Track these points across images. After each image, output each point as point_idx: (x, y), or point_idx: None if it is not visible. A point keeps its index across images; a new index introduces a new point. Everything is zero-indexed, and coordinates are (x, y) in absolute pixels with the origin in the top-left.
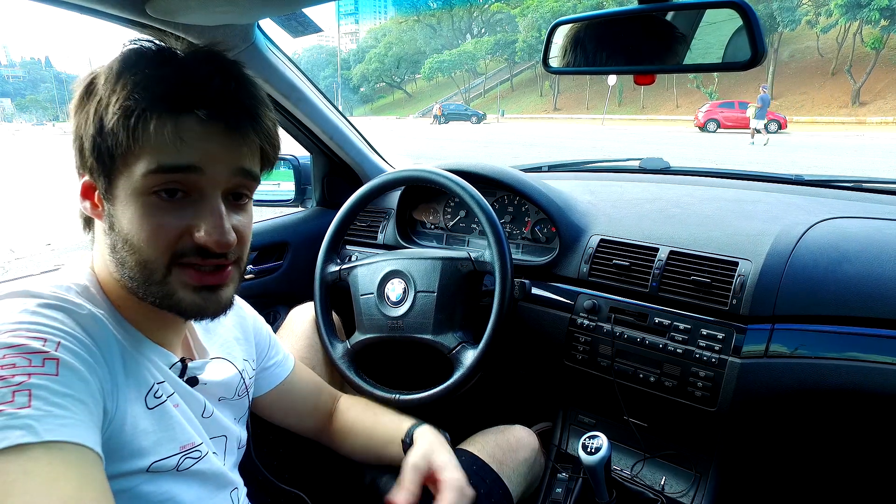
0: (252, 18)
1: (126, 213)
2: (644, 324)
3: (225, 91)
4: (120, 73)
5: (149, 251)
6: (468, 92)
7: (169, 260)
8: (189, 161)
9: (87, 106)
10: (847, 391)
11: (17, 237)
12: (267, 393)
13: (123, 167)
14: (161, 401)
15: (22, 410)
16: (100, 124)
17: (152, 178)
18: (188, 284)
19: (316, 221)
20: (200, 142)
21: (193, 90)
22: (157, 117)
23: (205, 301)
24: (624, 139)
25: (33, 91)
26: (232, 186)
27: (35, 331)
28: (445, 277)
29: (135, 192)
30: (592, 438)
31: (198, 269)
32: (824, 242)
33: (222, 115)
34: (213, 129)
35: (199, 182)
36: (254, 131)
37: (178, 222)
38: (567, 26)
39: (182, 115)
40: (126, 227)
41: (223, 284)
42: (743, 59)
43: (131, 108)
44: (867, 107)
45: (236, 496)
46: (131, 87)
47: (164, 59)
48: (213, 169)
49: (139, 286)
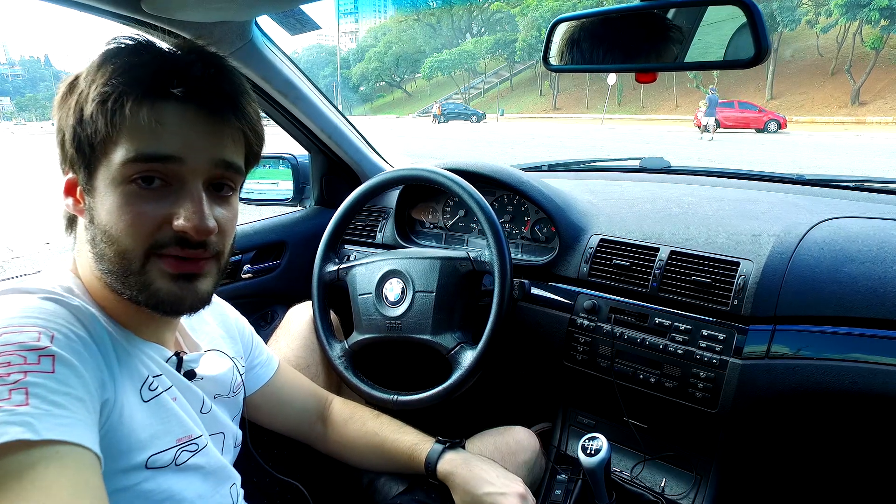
0: (249, 15)
1: (105, 203)
2: (644, 324)
3: (205, 77)
4: (100, 65)
5: (126, 241)
6: (468, 91)
7: (147, 249)
8: (168, 151)
9: (69, 100)
10: (849, 393)
11: (16, 236)
12: (252, 395)
13: (102, 156)
14: (156, 393)
15: (20, 408)
16: (80, 114)
17: (130, 167)
18: (165, 272)
19: (314, 221)
20: (180, 129)
21: (172, 75)
22: (133, 101)
23: (182, 291)
24: (623, 138)
25: (32, 89)
26: (213, 177)
27: (29, 325)
28: (444, 277)
29: (113, 182)
30: (592, 440)
31: (176, 258)
32: (826, 242)
33: (202, 101)
34: (192, 115)
35: (178, 171)
36: (235, 118)
37: (156, 211)
38: (568, 24)
39: (160, 100)
40: (104, 218)
41: (201, 274)
42: (746, 56)
43: (108, 93)
44: (867, 107)
45: (235, 491)
46: (109, 74)
47: (144, 48)
48: (193, 158)
49: (117, 279)
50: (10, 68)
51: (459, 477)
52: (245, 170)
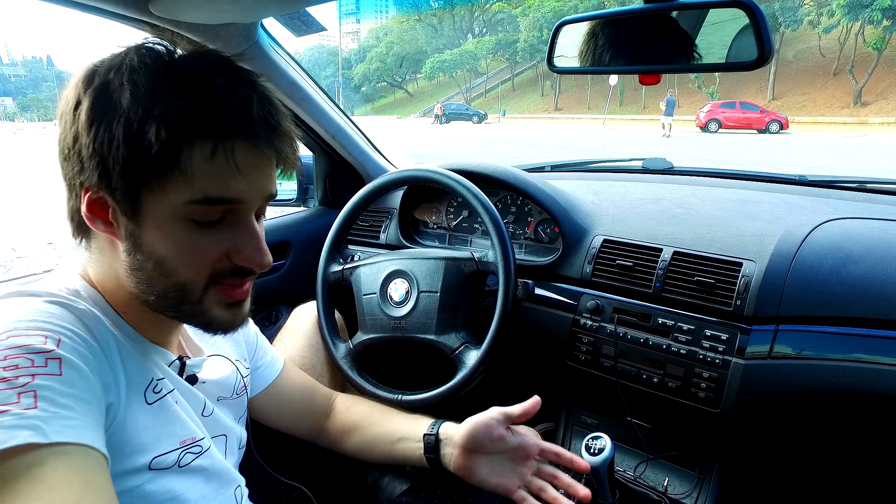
0: (255, 17)
1: (158, 235)
2: (647, 324)
3: (265, 116)
4: (151, 92)
5: (187, 274)
6: (469, 91)
7: (207, 282)
8: (235, 195)
9: (104, 118)
10: (852, 393)
11: (19, 236)
12: (256, 395)
13: (159, 190)
14: (160, 396)
15: (29, 411)
16: (129, 141)
17: (196, 208)
18: (222, 302)
19: (318, 221)
20: (243, 171)
21: (235, 118)
22: (199, 145)
23: (234, 316)
24: (625, 139)
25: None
26: (261, 208)
27: (35, 328)
28: (448, 277)
29: (171, 217)
30: (595, 439)
31: (232, 286)
32: (829, 243)
33: (260, 141)
34: (252, 155)
35: (237, 209)
36: (293, 156)
37: (217, 246)
38: (572, 26)
39: (223, 141)
40: (160, 250)
41: (247, 298)
42: (749, 58)
43: (172, 129)
44: (869, 107)
45: (239, 494)
46: (165, 108)
47: (193, 75)
48: (253, 198)
49: (170, 306)
50: (13, 68)
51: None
52: None
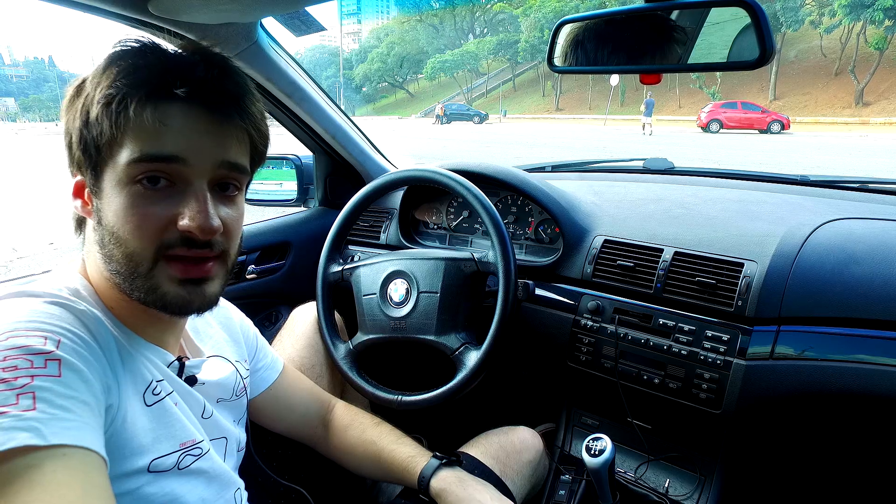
0: (255, 17)
1: (112, 204)
2: (648, 325)
3: (208, 77)
4: (105, 68)
5: (135, 242)
6: (470, 92)
7: (155, 251)
8: (172, 151)
9: (76, 103)
10: (853, 394)
11: (20, 236)
12: (255, 397)
13: (108, 158)
14: (159, 398)
15: (27, 413)
16: (86, 117)
17: (135, 167)
18: (173, 277)
19: (318, 221)
20: (183, 129)
21: (176, 76)
22: (137, 102)
23: (189, 294)
24: (627, 139)
25: (37, 90)
26: (218, 177)
27: (35, 329)
28: (448, 278)
29: (119, 183)
30: (596, 440)
31: (183, 261)
32: (831, 244)
33: (206, 102)
34: (196, 115)
35: (183, 172)
36: (239, 118)
37: (162, 212)
38: (572, 25)
39: (164, 101)
40: (112, 220)
41: (208, 278)
42: (750, 58)
43: (113, 95)
44: (871, 107)
45: (239, 496)
46: (114, 76)
47: (149, 50)
48: (197, 158)
49: (125, 280)
50: (15, 69)
51: (452, 496)
52: (250, 170)
